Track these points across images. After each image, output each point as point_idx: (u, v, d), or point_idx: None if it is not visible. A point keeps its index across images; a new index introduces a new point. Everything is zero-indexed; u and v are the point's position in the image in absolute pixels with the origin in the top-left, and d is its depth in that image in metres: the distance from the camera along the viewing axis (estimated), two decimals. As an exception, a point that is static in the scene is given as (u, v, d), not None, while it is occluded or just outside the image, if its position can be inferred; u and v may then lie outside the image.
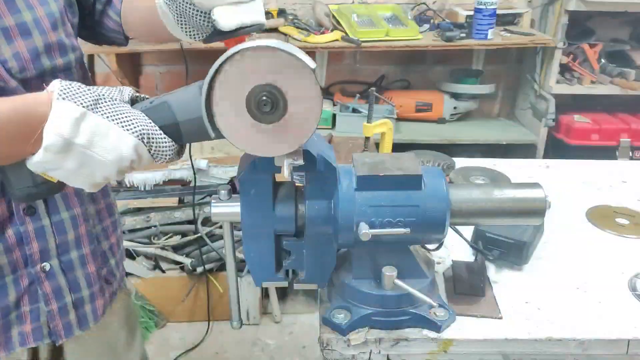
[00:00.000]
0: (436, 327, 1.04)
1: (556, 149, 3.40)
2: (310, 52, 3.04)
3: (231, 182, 2.88)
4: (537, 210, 1.04)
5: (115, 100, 0.85)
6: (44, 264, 1.09)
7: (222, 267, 2.77)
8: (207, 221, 2.81)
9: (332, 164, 0.97)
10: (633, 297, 1.15)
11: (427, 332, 1.04)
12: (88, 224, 1.18)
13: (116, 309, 1.33)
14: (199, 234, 2.76)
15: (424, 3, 3.44)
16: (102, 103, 0.83)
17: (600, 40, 3.43)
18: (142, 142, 0.84)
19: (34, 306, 1.11)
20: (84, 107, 0.80)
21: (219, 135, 0.87)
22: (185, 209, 2.85)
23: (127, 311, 1.41)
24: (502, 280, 1.20)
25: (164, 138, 0.86)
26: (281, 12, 3.28)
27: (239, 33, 0.98)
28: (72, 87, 0.82)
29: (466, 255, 1.26)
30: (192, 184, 2.82)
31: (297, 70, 0.83)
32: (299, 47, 0.84)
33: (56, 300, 1.13)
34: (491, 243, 1.23)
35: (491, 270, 1.22)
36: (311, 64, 0.83)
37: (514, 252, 1.22)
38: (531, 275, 1.22)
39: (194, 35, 1.07)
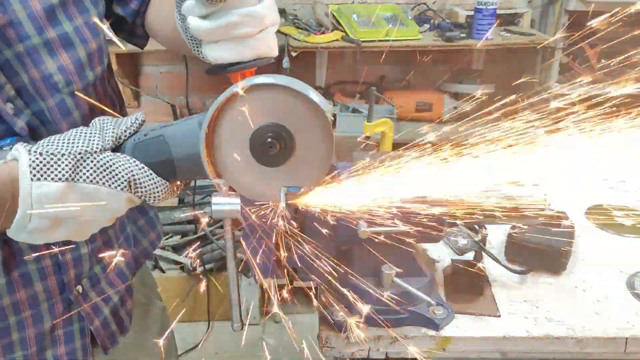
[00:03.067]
0: (435, 325, 1.04)
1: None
2: (310, 52, 3.05)
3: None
4: (536, 210, 1.04)
5: (95, 152, 0.79)
6: (78, 286, 1.06)
7: (222, 267, 2.77)
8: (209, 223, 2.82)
9: (332, 163, 0.97)
10: (631, 296, 1.15)
11: (425, 330, 1.05)
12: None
13: (150, 325, 1.31)
14: (199, 234, 2.77)
15: (424, 3, 3.44)
16: (81, 165, 0.77)
17: (600, 40, 3.43)
18: (130, 191, 0.80)
19: (67, 329, 1.07)
20: (63, 180, 0.75)
21: (218, 176, 0.82)
22: (185, 209, 2.86)
23: (160, 326, 1.39)
24: (500, 278, 1.20)
25: (154, 180, 0.81)
26: (281, 12, 3.29)
27: (238, 67, 0.87)
28: (45, 159, 0.76)
29: (466, 254, 1.26)
30: (192, 184, 2.83)
31: (308, 110, 0.77)
32: (300, 48, 0.80)
33: (97, 317, 1.10)
34: (527, 251, 1.21)
35: (490, 269, 1.22)
36: (324, 105, 0.76)
37: (552, 260, 1.21)
38: (529, 274, 1.22)
39: (205, 58, 0.97)
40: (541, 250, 1.20)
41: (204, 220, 2.13)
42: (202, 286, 2.79)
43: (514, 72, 3.69)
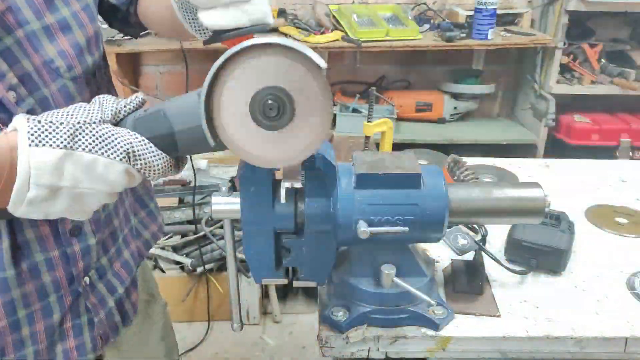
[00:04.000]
0: (435, 325, 1.04)
1: (556, 149, 3.40)
2: (311, 52, 3.05)
3: (231, 181, 2.88)
4: (536, 209, 1.05)
5: (94, 123, 0.79)
6: (85, 278, 1.07)
7: (222, 267, 2.78)
8: (209, 221, 2.82)
9: (332, 163, 0.97)
10: (631, 296, 1.15)
11: (425, 330, 1.05)
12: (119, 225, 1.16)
13: (154, 321, 1.32)
14: (199, 234, 2.77)
15: (424, 3, 3.44)
16: (80, 134, 0.77)
17: (600, 40, 3.44)
18: (129, 162, 0.79)
19: (76, 322, 1.08)
20: (61, 147, 0.74)
21: (220, 145, 0.81)
22: (185, 209, 2.86)
23: (164, 322, 1.40)
24: (500, 278, 1.20)
25: (154, 153, 0.80)
26: (281, 12, 3.29)
27: (235, 34, 0.91)
28: (43, 126, 0.75)
29: (466, 254, 1.26)
30: (192, 184, 2.83)
31: (306, 70, 0.76)
32: None
33: (102, 309, 1.11)
34: (527, 251, 1.21)
35: (490, 269, 1.22)
36: (322, 63, 0.75)
37: (552, 260, 1.20)
38: (529, 274, 1.22)
39: (200, 32, 1.01)
40: (541, 250, 1.20)
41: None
42: (202, 286, 2.79)
43: (514, 72, 3.70)
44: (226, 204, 1.01)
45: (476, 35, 3.13)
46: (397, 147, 1.85)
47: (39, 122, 0.76)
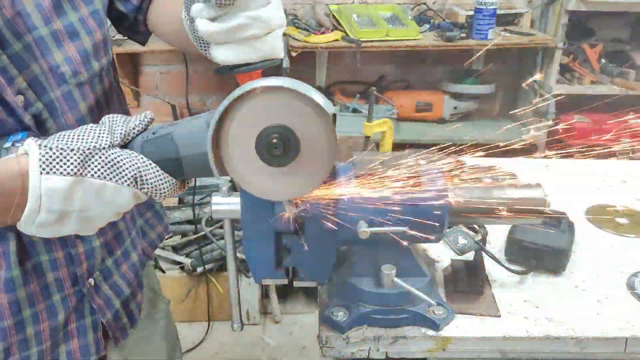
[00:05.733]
0: (435, 325, 1.04)
1: (556, 149, 3.40)
2: (310, 52, 3.05)
3: (231, 181, 2.88)
4: (536, 210, 1.04)
5: (104, 149, 0.80)
6: (90, 279, 1.07)
7: (222, 267, 2.77)
8: (209, 221, 2.82)
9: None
10: (631, 296, 1.15)
11: (425, 330, 1.05)
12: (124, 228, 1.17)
13: (157, 319, 1.32)
14: (199, 234, 2.76)
15: (424, 3, 3.44)
16: (90, 161, 0.78)
17: (600, 40, 3.44)
18: (137, 187, 0.81)
19: (80, 323, 1.08)
20: (71, 175, 0.76)
21: (224, 175, 0.83)
22: (185, 209, 2.86)
23: (166, 321, 1.41)
24: (500, 278, 1.20)
25: (160, 176, 0.83)
26: (281, 13, 3.29)
27: (246, 69, 0.91)
28: (54, 153, 0.76)
29: (466, 254, 1.26)
30: (192, 184, 2.83)
31: (313, 112, 0.78)
32: (300, 48, 0.81)
33: (109, 310, 1.12)
34: (527, 251, 1.21)
35: (490, 269, 1.22)
36: (329, 108, 0.78)
37: (552, 260, 1.21)
38: (530, 274, 1.22)
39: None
40: (541, 250, 1.20)
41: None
42: (202, 286, 2.79)
43: (514, 72, 3.70)
44: (226, 204, 1.01)
45: (476, 35, 3.13)
46: (397, 147, 1.85)
47: (50, 149, 0.77)
